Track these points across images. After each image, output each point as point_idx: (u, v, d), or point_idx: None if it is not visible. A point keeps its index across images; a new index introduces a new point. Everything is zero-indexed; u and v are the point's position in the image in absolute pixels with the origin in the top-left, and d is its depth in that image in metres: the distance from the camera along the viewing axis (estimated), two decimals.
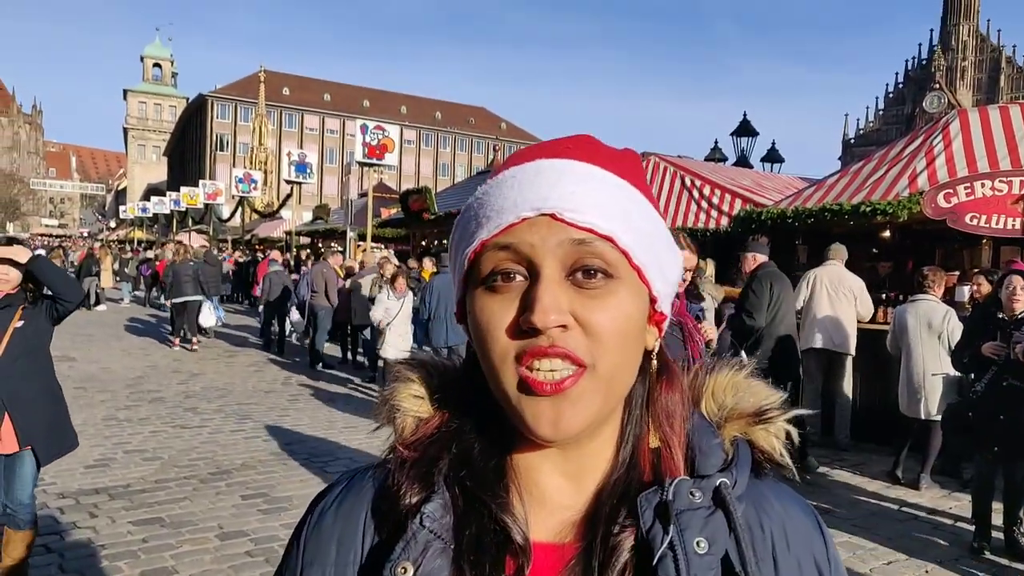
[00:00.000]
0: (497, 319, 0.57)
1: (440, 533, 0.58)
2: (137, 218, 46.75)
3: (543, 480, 0.62)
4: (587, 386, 0.56)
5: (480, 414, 0.63)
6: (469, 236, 0.60)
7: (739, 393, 0.66)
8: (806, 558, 0.62)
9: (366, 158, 15.05)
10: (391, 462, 0.64)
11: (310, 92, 78.12)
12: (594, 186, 0.58)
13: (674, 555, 0.55)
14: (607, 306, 0.57)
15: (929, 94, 66.16)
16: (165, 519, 4.68)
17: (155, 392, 8.79)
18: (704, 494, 0.58)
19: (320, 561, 0.64)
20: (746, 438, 0.64)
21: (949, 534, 4.81)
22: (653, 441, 0.63)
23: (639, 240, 0.58)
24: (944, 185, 6.86)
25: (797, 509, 0.65)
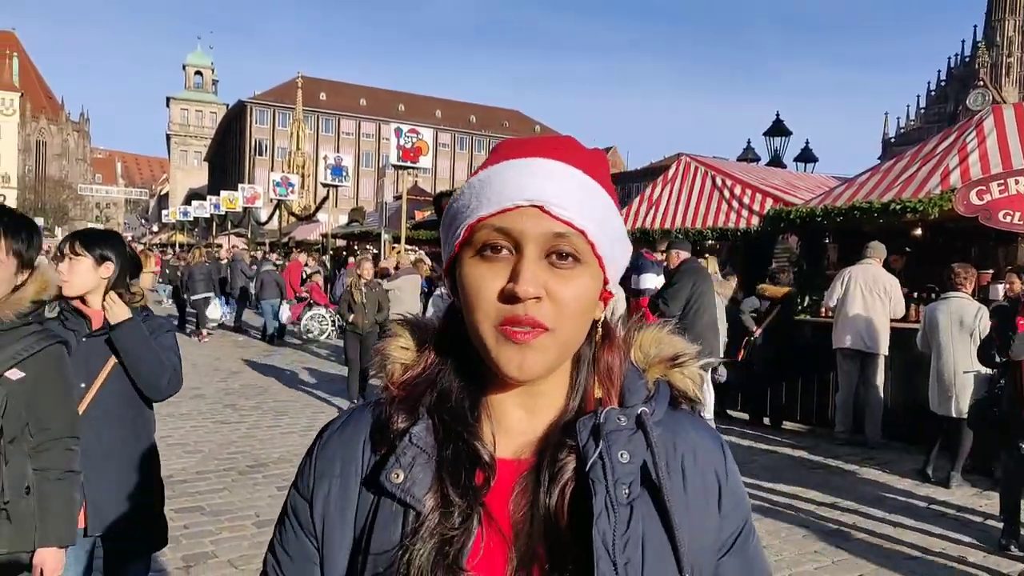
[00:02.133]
0: (487, 283, 0.71)
1: (425, 448, 0.74)
2: (179, 222, 47.80)
3: (507, 412, 0.77)
4: (547, 342, 0.71)
5: (457, 361, 0.78)
6: (469, 211, 0.73)
7: (661, 344, 0.82)
8: (709, 471, 0.79)
9: (400, 161, 15.27)
10: (385, 399, 0.79)
11: (346, 97, 79.11)
12: (574, 186, 0.72)
13: (602, 463, 0.71)
14: (573, 285, 0.71)
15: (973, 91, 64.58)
16: (205, 507, 4.87)
17: (196, 389, 9.06)
18: (628, 419, 0.74)
19: (328, 474, 0.80)
20: (665, 379, 0.80)
21: (978, 531, 4.79)
22: (598, 392, 0.78)
23: (603, 235, 0.73)
24: (977, 182, 6.78)
25: (706, 435, 0.82)
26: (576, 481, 0.72)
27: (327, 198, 24.18)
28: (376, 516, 0.74)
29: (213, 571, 3.91)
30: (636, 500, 0.72)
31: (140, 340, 2.38)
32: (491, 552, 0.71)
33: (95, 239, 2.41)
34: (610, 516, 0.69)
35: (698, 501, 0.77)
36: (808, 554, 4.34)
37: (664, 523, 0.72)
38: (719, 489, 0.79)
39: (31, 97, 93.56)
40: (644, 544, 0.71)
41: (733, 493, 0.80)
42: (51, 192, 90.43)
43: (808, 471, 6.12)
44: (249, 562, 4.02)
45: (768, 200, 10.05)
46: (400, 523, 0.72)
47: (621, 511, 0.70)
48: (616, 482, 0.71)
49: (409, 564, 0.69)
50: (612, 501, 0.70)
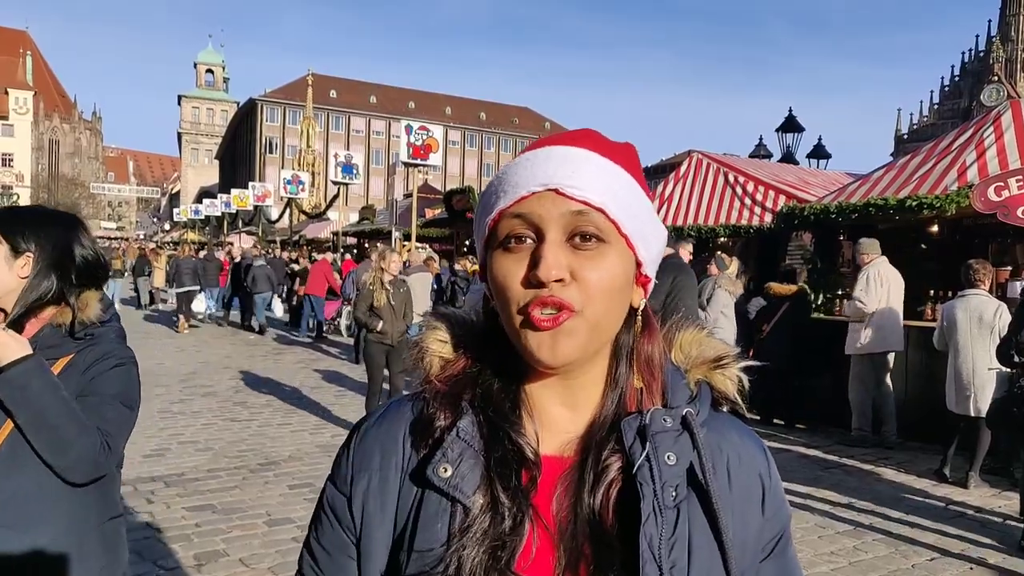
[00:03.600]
0: (512, 273, 0.71)
1: (472, 444, 0.73)
2: (190, 220, 48.03)
3: (549, 409, 0.77)
4: (577, 325, 0.70)
5: (497, 358, 0.77)
6: (489, 208, 0.74)
7: (702, 346, 0.81)
8: (753, 474, 0.79)
9: (411, 158, 15.26)
10: (427, 392, 0.78)
11: (356, 94, 79.25)
12: (591, 168, 0.71)
13: (649, 465, 0.70)
14: (598, 265, 0.70)
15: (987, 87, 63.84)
16: (216, 506, 4.86)
17: (207, 387, 9.09)
18: (674, 420, 0.73)
19: (367, 468, 0.78)
20: (706, 380, 0.79)
21: (997, 532, 4.72)
22: (637, 382, 0.77)
23: (626, 213, 0.72)
24: (995, 178, 6.69)
25: (749, 438, 0.81)
26: (622, 481, 0.72)
27: (337, 196, 24.17)
28: (420, 511, 0.72)
29: (224, 569, 3.90)
30: (683, 503, 0.71)
31: (37, 392, 1.51)
32: (540, 553, 0.71)
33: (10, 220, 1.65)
34: (657, 519, 0.69)
35: (743, 504, 0.77)
36: (824, 555, 4.29)
37: (712, 526, 0.72)
38: (763, 492, 0.79)
39: (44, 96, 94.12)
40: (691, 547, 0.71)
41: (775, 497, 0.80)
42: (64, 190, 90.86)
43: (823, 471, 6.05)
44: (260, 560, 4.01)
45: (781, 197, 9.97)
46: (447, 519, 0.71)
47: (668, 514, 0.70)
48: (664, 485, 0.70)
49: (460, 566, 0.68)
50: (659, 504, 0.69)
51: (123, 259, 21.08)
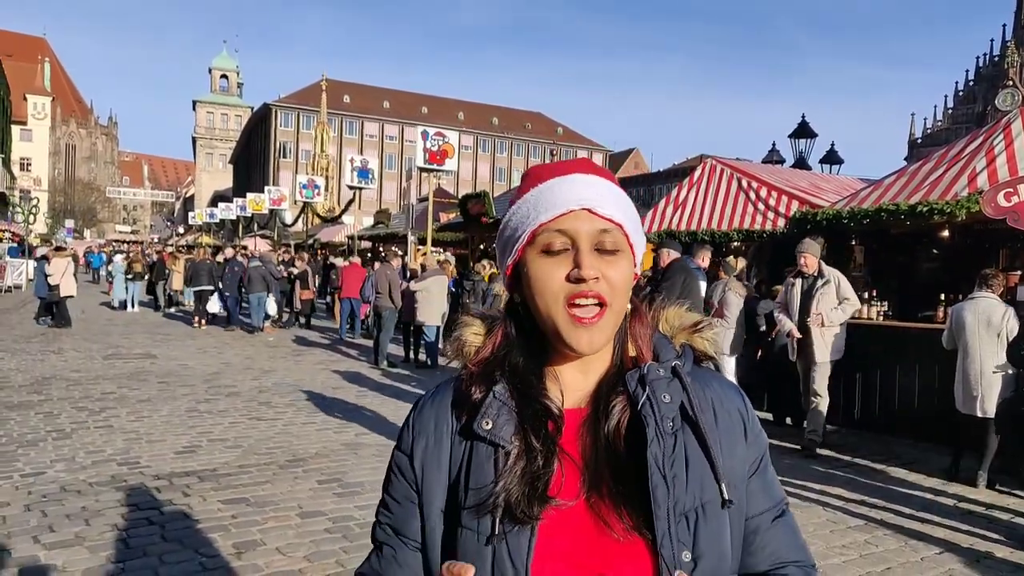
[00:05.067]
0: (555, 273, 0.91)
1: (505, 402, 0.93)
2: (205, 224, 48.47)
3: (566, 374, 0.97)
4: (607, 319, 0.91)
5: (521, 342, 0.98)
6: (530, 220, 0.93)
7: (682, 318, 1.05)
8: (734, 410, 1.00)
9: (427, 163, 15.46)
10: (464, 374, 0.99)
11: (370, 100, 79.64)
12: (608, 191, 0.94)
13: (650, 403, 0.91)
14: (618, 268, 0.92)
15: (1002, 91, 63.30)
16: (250, 499, 5.06)
17: (231, 387, 9.31)
18: (665, 370, 0.95)
19: (424, 432, 1.00)
20: (688, 343, 1.02)
21: (1004, 528, 4.85)
22: (632, 351, 0.99)
23: (633, 228, 0.95)
24: (1005, 184, 6.80)
25: (727, 384, 1.04)
26: (628, 420, 0.92)
27: (353, 200, 24.42)
28: (471, 458, 0.93)
29: (262, 557, 4.09)
30: (678, 431, 0.91)
31: None
32: (569, 480, 0.90)
33: None
34: (660, 442, 0.89)
35: (728, 435, 0.96)
36: (836, 548, 4.45)
37: (702, 447, 0.92)
38: (744, 424, 0.99)
39: (61, 101, 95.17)
40: (688, 463, 0.91)
41: (754, 427, 1.00)
42: (80, 195, 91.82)
43: (834, 469, 6.19)
44: (296, 550, 4.19)
45: (794, 202, 10.10)
46: (492, 462, 0.90)
47: (667, 438, 0.90)
48: (662, 416, 0.90)
49: (508, 497, 0.88)
50: (660, 431, 0.90)
51: (143, 262, 21.37)
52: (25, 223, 31.82)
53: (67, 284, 15.23)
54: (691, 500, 0.90)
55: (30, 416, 7.30)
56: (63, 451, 6.09)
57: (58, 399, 8.15)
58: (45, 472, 5.50)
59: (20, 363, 10.54)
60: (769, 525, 0.99)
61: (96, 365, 10.64)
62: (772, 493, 1.01)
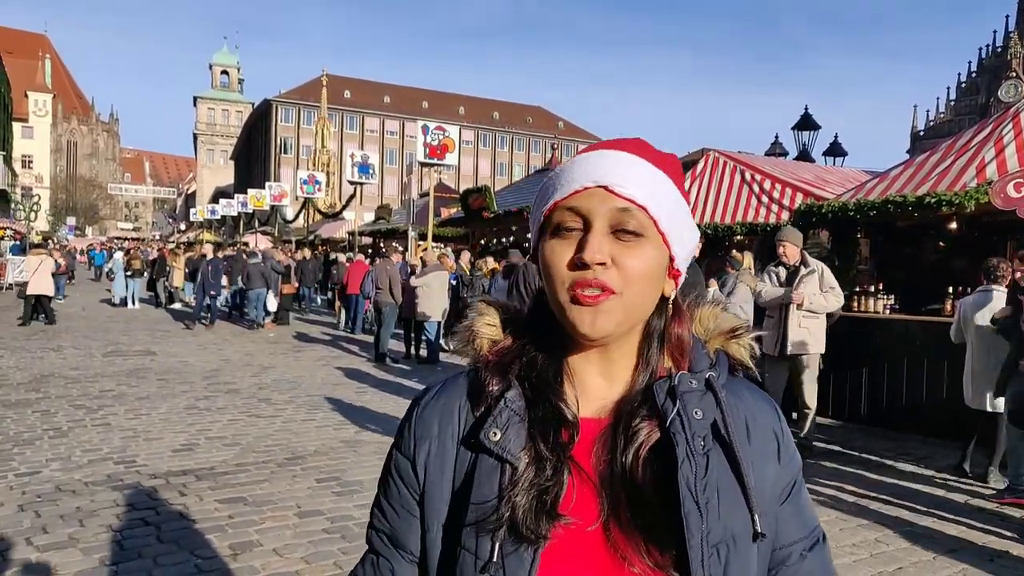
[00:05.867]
0: (560, 256, 0.81)
1: (517, 411, 0.83)
2: (206, 220, 48.40)
3: (588, 378, 0.87)
4: (615, 305, 0.80)
5: (541, 336, 0.88)
6: (546, 198, 0.84)
7: (718, 319, 0.93)
8: (767, 429, 0.89)
9: (427, 158, 15.37)
10: (479, 366, 0.88)
11: (370, 95, 79.51)
12: (637, 171, 0.82)
13: (680, 419, 0.81)
14: (636, 255, 0.80)
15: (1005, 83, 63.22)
16: (248, 498, 4.98)
17: (230, 384, 9.23)
18: (698, 382, 0.84)
19: (426, 435, 0.89)
20: (723, 349, 0.91)
21: (1017, 525, 4.76)
22: (667, 361, 0.88)
23: (665, 213, 0.82)
24: (1014, 174, 6.70)
25: (762, 399, 0.92)
26: (653, 437, 0.82)
27: (354, 195, 24.30)
28: (476, 470, 0.83)
29: (259, 558, 4.00)
30: (710, 451, 0.81)
31: None
32: (582, 499, 0.81)
33: None
34: (691, 463, 0.79)
35: (761, 455, 0.86)
36: (846, 547, 4.35)
37: (735, 471, 0.82)
38: (777, 444, 0.89)
39: (63, 98, 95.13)
40: (719, 490, 0.80)
41: (788, 448, 0.90)
42: (82, 191, 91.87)
43: (842, 466, 6.10)
44: (293, 551, 4.11)
45: (798, 195, 10.00)
46: (497, 476, 0.81)
47: (699, 459, 0.79)
48: (693, 435, 0.80)
49: (513, 512, 0.78)
50: (692, 450, 0.79)
51: (142, 259, 21.31)
52: (26, 220, 31.74)
53: (38, 282, 14.91)
54: (722, 531, 0.79)
55: (27, 414, 7.22)
56: (59, 450, 6.00)
57: (56, 397, 8.07)
58: (40, 471, 5.42)
59: (19, 360, 10.46)
60: (799, 559, 0.89)
61: (95, 362, 10.57)
62: (805, 520, 0.91)
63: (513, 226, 17.17)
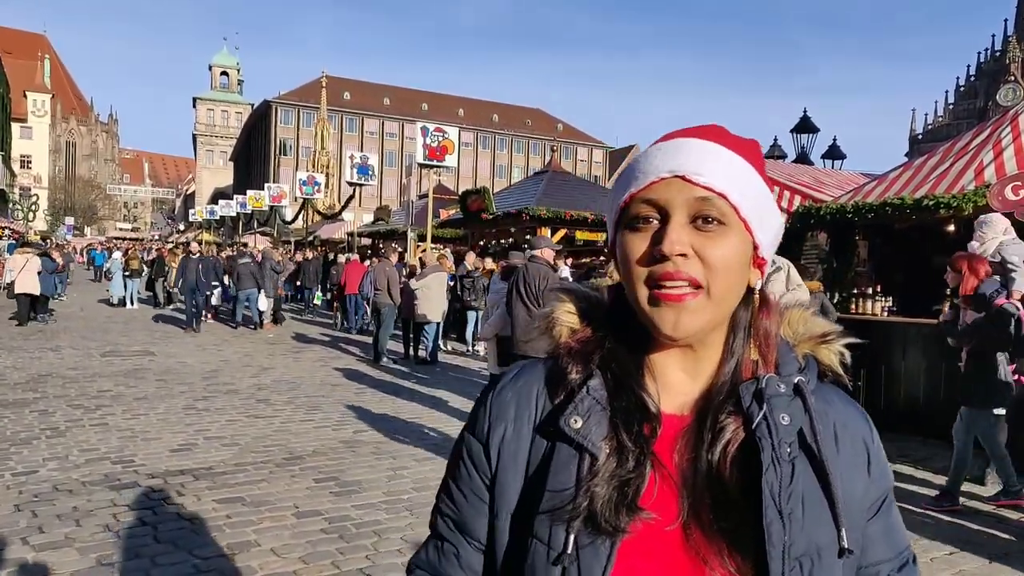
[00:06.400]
0: (637, 249, 0.79)
1: (599, 400, 0.80)
2: (205, 221, 48.39)
3: (669, 374, 0.84)
4: (701, 302, 0.77)
5: (621, 331, 0.85)
6: (622, 191, 0.82)
7: (808, 323, 0.89)
8: (858, 439, 0.86)
9: (427, 160, 15.38)
10: (561, 353, 0.86)
11: (370, 96, 79.57)
12: (714, 158, 0.79)
13: (767, 423, 0.77)
14: (719, 244, 0.77)
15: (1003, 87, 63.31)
16: (245, 498, 4.97)
17: (229, 384, 9.22)
18: (787, 387, 0.80)
19: (502, 418, 0.87)
20: (812, 354, 0.87)
21: (1014, 528, 4.76)
22: (753, 354, 0.84)
23: (746, 200, 0.79)
24: (1013, 177, 6.72)
25: (853, 407, 0.88)
26: (740, 436, 0.79)
27: (353, 196, 24.33)
28: (553, 457, 0.80)
29: (257, 559, 3.99)
30: (796, 459, 0.78)
31: None
32: (663, 496, 0.78)
33: None
34: (776, 470, 0.76)
35: (850, 465, 0.82)
36: None
37: (821, 482, 0.78)
38: (868, 455, 0.85)
39: (61, 99, 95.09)
40: (804, 500, 0.77)
41: (879, 460, 0.86)
42: (80, 192, 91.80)
43: None
44: (291, 551, 4.10)
45: (796, 197, 10.01)
46: (576, 465, 0.78)
47: (785, 466, 0.76)
48: (779, 441, 0.77)
49: (591, 502, 0.76)
50: (777, 457, 0.76)
51: (140, 259, 21.29)
52: (24, 220, 31.73)
53: (23, 281, 14.84)
54: (805, 543, 0.76)
55: (24, 414, 7.21)
56: (56, 449, 6.00)
57: (54, 397, 8.06)
58: (37, 471, 5.42)
59: (17, 360, 10.45)
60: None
61: (93, 362, 10.56)
62: (895, 540, 0.86)
63: (512, 227, 17.17)
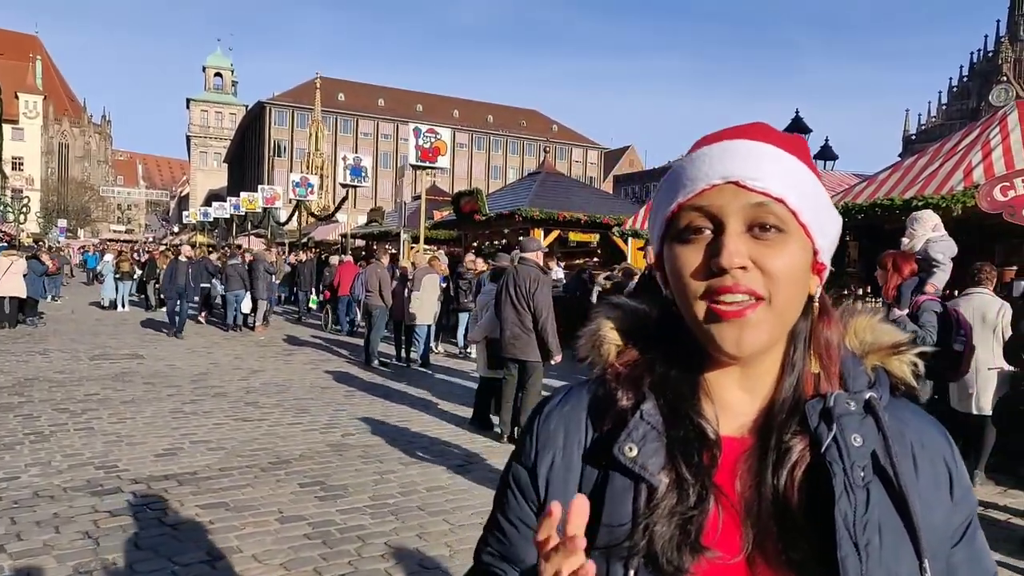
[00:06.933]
0: (690, 264, 0.73)
1: (655, 426, 0.75)
2: (199, 223, 48.28)
3: (726, 393, 0.78)
4: (763, 315, 0.72)
5: (673, 346, 0.80)
6: (668, 200, 0.76)
7: (876, 331, 0.82)
8: (938, 459, 0.78)
9: (419, 161, 15.32)
10: (608, 375, 0.81)
11: (364, 97, 79.51)
12: (769, 160, 0.73)
13: (837, 445, 0.71)
14: (779, 253, 0.72)
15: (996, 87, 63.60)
16: (229, 503, 4.93)
17: (218, 388, 9.17)
18: (857, 404, 0.74)
19: (550, 445, 0.82)
20: (883, 366, 0.80)
21: (1002, 530, 4.75)
22: (814, 367, 0.78)
23: (804, 203, 0.73)
24: (1001, 178, 6.71)
25: (931, 424, 0.81)
26: (805, 462, 0.73)
27: (346, 198, 24.26)
28: (607, 487, 0.75)
29: (238, 565, 3.95)
30: (871, 484, 0.72)
31: None
32: (726, 528, 0.73)
33: None
34: (850, 497, 0.70)
35: (929, 488, 0.76)
36: None
37: (899, 508, 0.72)
38: (950, 476, 0.78)
39: (54, 100, 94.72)
40: (881, 529, 0.71)
41: (962, 482, 0.79)
42: (73, 194, 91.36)
43: None
44: (273, 557, 4.06)
45: None
46: (632, 497, 0.74)
47: (859, 493, 0.71)
48: (852, 465, 0.71)
49: (651, 541, 0.71)
50: (851, 483, 0.70)
51: (131, 261, 21.20)
52: (16, 223, 31.60)
53: (7, 284, 14.66)
54: (883, 575, 0.70)
55: (8, 418, 7.15)
56: (39, 455, 5.94)
57: (39, 401, 8.00)
58: (19, 477, 5.36)
59: (3, 364, 10.37)
60: None
61: (82, 366, 10.49)
62: (981, 567, 0.79)
63: (505, 228, 17.15)
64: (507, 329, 6.75)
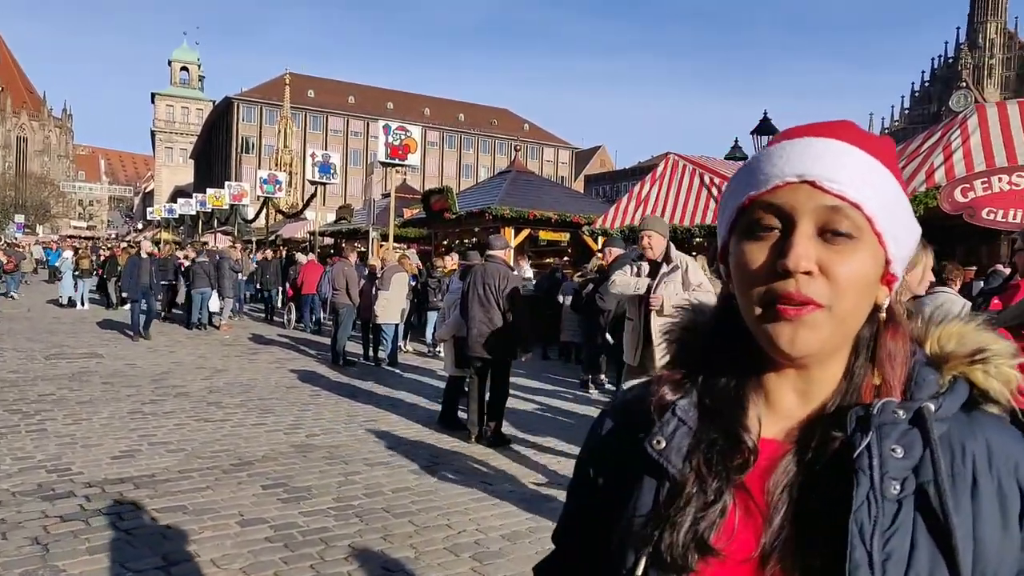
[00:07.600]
0: (754, 261, 0.71)
1: (687, 421, 0.76)
2: (164, 219, 47.44)
3: (780, 395, 0.76)
4: (822, 319, 0.69)
5: (729, 343, 0.78)
6: (740, 192, 0.74)
7: (963, 340, 0.75)
8: (1009, 479, 0.69)
9: (388, 159, 15.20)
10: (662, 377, 0.82)
11: (335, 94, 78.80)
12: (849, 162, 0.70)
13: (869, 453, 0.67)
14: (848, 261, 0.69)
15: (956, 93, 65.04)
16: (188, 507, 4.80)
17: (180, 387, 8.97)
18: (907, 413, 0.70)
19: (606, 446, 0.86)
20: (964, 375, 0.73)
21: None
22: (876, 379, 0.75)
23: (882, 210, 0.70)
24: (962, 180, 6.83)
25: (1010, 439, 0.72)
26: (840, 470, 0.69)
27: (315, 195, 24.00)
28: (638, 480, 0.77)
29: (196, 571, 3.84)
30: (905, 499, 0.67)
31: None
32: (744, 526, 0.72)
33: None
34: (871, 508, 0.66)
35: (991, 511, 0.68)
36: None
37: (941, 532, 0.66)
38: (1021, 503, 0.69)
39: (12, 92, 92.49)
40: (914, 548, 0.66)
41: None
42: (32, 189, 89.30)
43: None
44: (232, 561, 3.96)
45: None
46: (655, 489, 0.75)
47: (886, 505, 0.66)
48: (884, 475, 0.67)
49: (662, 535, 0.72)
50: (876, 494, 0.66)
51: (91, 258, 20.73)
52: None
53: None
54: None
55: None
56: None
57: None
58: None
59: None
60: None
61: (36, 365, 10.20)
62: None
63: (475, 227, 17.07)
64: (474, 327, 6.68)
